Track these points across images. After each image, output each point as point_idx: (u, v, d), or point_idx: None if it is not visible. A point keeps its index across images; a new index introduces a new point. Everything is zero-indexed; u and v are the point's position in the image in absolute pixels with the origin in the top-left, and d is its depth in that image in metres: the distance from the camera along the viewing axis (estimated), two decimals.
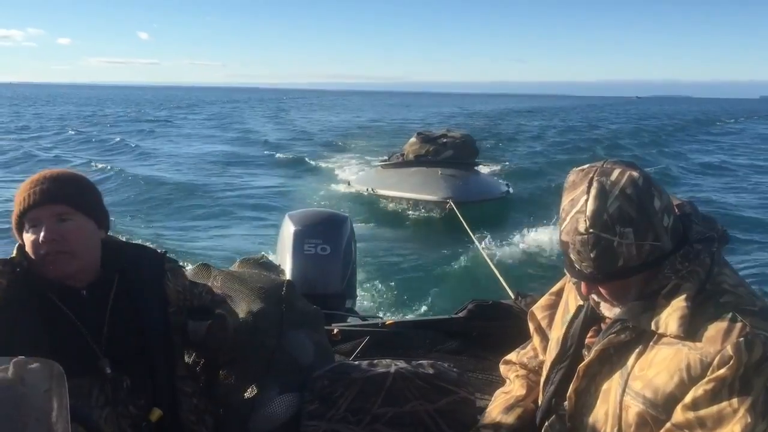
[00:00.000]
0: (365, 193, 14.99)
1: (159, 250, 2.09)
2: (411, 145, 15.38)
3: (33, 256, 1.77)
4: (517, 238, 11.52)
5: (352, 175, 18.08)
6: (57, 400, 1.18)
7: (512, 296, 3.41)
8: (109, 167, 19.70)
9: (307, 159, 23.84)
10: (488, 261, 6.26)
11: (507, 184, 15.53)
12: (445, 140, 15.01)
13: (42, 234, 1.74)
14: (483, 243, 9.48)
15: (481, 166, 15.88)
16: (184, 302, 2.00)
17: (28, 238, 1.77)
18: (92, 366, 1.74)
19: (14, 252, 1.83)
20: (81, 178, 1.90)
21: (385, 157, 16.96)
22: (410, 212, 13.82)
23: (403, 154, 15.64)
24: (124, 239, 2.09)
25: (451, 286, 9.03)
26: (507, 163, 21.95)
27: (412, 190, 13.53)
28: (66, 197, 1.79)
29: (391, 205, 14.43)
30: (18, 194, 1.81)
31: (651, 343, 1.45)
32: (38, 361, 1.20)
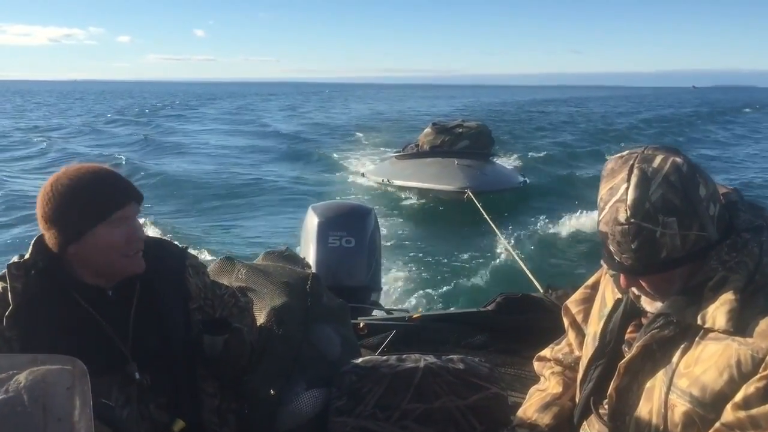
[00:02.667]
0: (381, 184, 14.83)
1: (180, 246, 2.04)
2: (426, 135, 15.18)
3: (111, 254, 1.70)
4: (536, 228, 11.42)
5: (368, 166, 17.95)
6: (80, 399, 1.14)
7: (539, 288, 3.34)
8: (127, 160, 19.79)
9: (329, 152, 23.79)
10: (512, 252, 6.19)
11: (522, 174, 15.38)
12: (460, 130, 14.81)
13: (136, 232, 1.74)
14: (503, 233, 9.42)
15: (496, 156, 15.69)
16: (206, 300, 1.94)
17: (103, 238, 1.68)
18: (116, 365, 1.70)
19: (29, 251, 1.75)
20: None
21: (399, 149, 16.76)
22: (427, 203, 13.67)
23: (417, 145, 15.44)
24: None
25: (473, 278, 8.94)
26: (529, 153, 21.74)
27: (428, 180, 13.38)
28: (141, 196, 1.80)
29: (407, 195, 14.30)
30: (78, 192, 1.68)
31: (697, 339, 1.38)
32: (60, 359, 1.17)
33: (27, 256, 1.74)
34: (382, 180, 14.79)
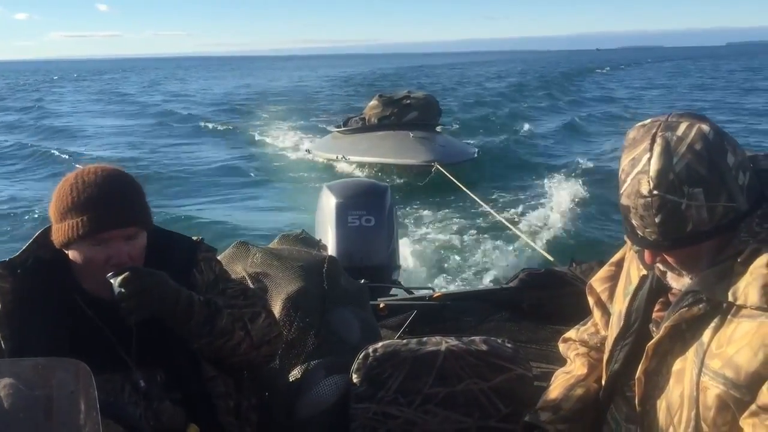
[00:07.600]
0: (335, 161, 14.16)
1: (194, 238, 1.94)
2: (372, 108, 14.51)
3: (86, 273, 1.66)
4: (504, 197, 11.63)
5: (309, 143, 17.28)
6: (84, 401, 1.11)
7: (549, 259, 3.27)
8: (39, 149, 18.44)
9: (241, 128, 22.83)
10: (506, 223, 6.19)
11: (470, 144, 15.21)
12: (408, 101, 14.25)
13: (112, 257, 1.62)
14: (488, 203, 9.64)
15: (441, 126, 15.15)
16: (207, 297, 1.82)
17: (86, 253, 1.64)
18: (117, 369, 1.66)
19: (24, 247, 1.71)
20: (140, 187, 1.74)
21: (340, 123, 15.89)
22: (388, 178, 12.71)
23: (363, 118, 14.80)
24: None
25: (464, 253, 8.75)
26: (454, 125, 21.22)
27: (389, 155, 12.90)
28: (139, 218, 1.67)
29: (358, 171, 13.66)
30: (77, 200, 1.62)
31: (729, 317, 1.30)
32: (62, 362, 1.14)
33: (17, 253, 1.71)
34: (336, 157, 14.14)
